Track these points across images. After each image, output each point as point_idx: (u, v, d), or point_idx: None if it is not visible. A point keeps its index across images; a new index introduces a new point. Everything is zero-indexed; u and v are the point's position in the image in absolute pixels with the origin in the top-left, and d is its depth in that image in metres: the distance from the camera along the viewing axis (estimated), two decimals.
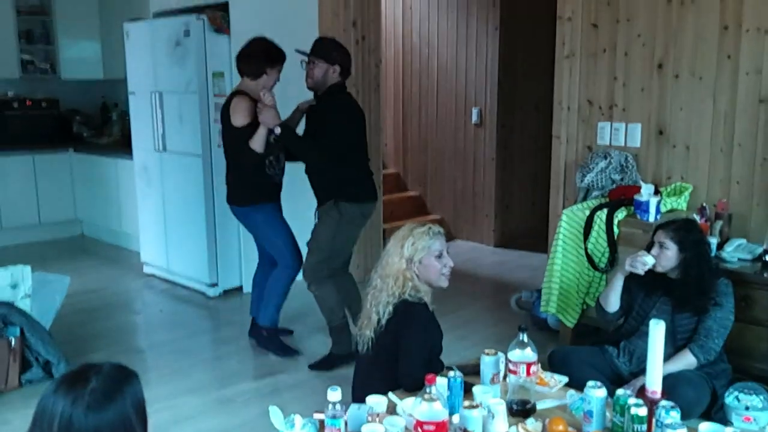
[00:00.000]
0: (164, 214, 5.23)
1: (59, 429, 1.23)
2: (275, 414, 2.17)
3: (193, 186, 4.87)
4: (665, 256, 2.91)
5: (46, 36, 6.83)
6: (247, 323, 4.14)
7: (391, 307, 2.47)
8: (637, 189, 3.62)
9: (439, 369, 2.58)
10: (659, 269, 2.93)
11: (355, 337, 2.68)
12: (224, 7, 4.75)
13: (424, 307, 2.53)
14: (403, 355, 2.47)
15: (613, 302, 3.05)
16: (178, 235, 5.12)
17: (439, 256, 2.56)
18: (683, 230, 2.96)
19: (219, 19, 4.69)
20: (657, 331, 1.80)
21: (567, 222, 3.78)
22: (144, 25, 5.24)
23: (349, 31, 5.10)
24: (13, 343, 3.41)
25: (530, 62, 6.28)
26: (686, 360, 2.86)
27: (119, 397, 1.27)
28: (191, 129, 4.82)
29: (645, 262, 2.88)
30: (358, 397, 2.31)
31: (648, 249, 3.01)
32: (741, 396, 2.92)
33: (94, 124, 7.11)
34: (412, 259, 2.52)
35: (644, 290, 3.00)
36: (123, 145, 6.18)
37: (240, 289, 5.01)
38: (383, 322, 2.47)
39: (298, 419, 2.12)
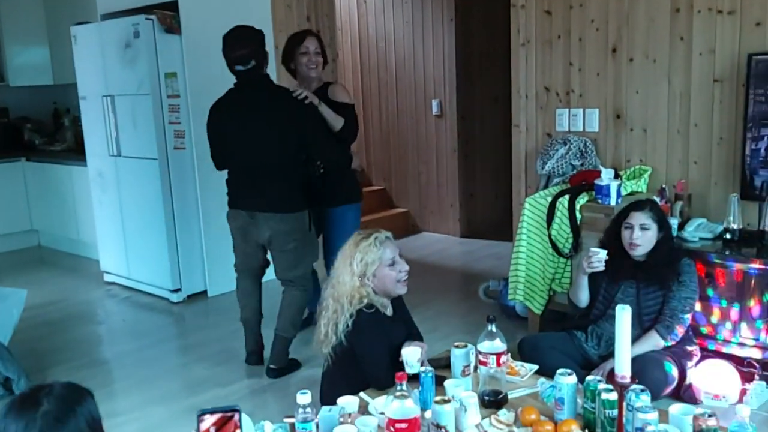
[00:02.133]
0: (122, 221, 5.11)
1: None
2: (244, 421, 2.12)
3: (150, 190, 4.76)
4: (647, 238, 2.92)
5: None
6: (213, 327, 4.06)
7: (349, 323, 2.42)
8: (598, 174, 3.64)
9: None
10: (641, 252, 2.93)
11: None
12: (173, 7, 4.64)
13: (375, 312, 2.46)
14: (365, 361, 2.43)
15: (583, 299, 3.06)
16: (137, 241, 5.00)
17: (392, 264, 2.48)
18: (657, 208, 3.01)
19: (169, 18, 4.58)
20: (623, 316, 1.80)
21: (530, 210, 3.79)
22: (91, 28, 5.10)
23: (303, 26, 5.03)
24: None
25: (487, 52, 6.29)
26: (653, 341, 2.89)
27: (71, 419, 1.22)
28: (146, 132, 4.71)
29: (600, 258, 2.88)
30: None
31: (611, 234, 3.03)
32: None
33: (46, 131, 6.91)
34: (365, 274, 2.44)
35: (607, 275, 3.01)
36: (77, 152, 6.02)
37: (204, 293, 4.92)
38: (342, 338, 2.42)
39: (268, 425, 2.07)
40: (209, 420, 1.31)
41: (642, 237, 2.91)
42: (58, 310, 4.85)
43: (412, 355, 2.34)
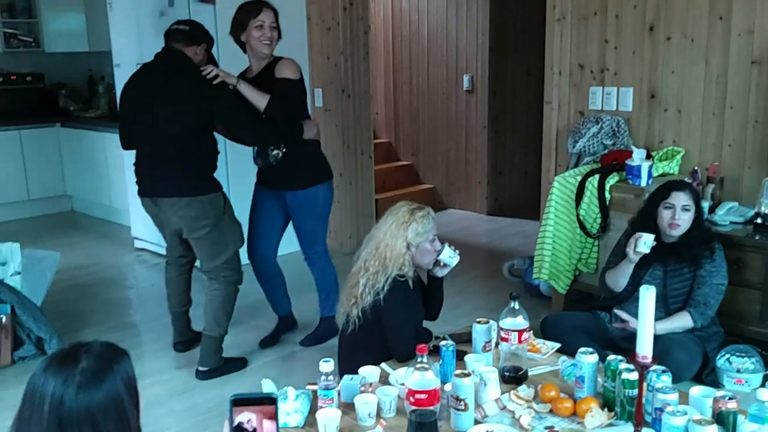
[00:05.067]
0: None
1: (50, 409, 1.23)
2: (268, 387, 2.16)
3: None
4: (686, 219, 2.90)
5: (29, 9, 6.70)
6: (239, 294, 4.10)
7: (386, 286, 2.46)
8: (629, 154, 3.60)
9: (427, 339, 2.59)
10: (680, 232, 2.90)
11: None
12: None
13: (407, 283, 2.54)
14: (392, 329, 2.47)
15: (622, 284, 3.02)
16: None
17: (433, 240, 2.57)
18: (695, 191, 3.00)
19: None
20: (647, 296, 1.79)
21: (559, 189, 3.76)
22: None
23: None
24: (4, 320, 3.40)
25: (521, 27, 6.20)
26: (683, 321, 2.87)
27: (109, 376, 1.26)
28: None
29: (646, 242, 2.84)
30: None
31: (646, 213, 2.99)
32: (732, 358, 2.95)
33: (81, 97, 7.01)
34: (413, 243, 2.51)
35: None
36: (111, 119, 6.11)
37: None
38: (380, 299, 2.46)
39: (291, 391, 2.12)
40: (245, 414, 1.25)
41: (682, 217, 2.88)
42: (89, 273, 4.96)
43: (445, 250, 2.57)
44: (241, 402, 1.24)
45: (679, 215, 2.88)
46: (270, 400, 1.25)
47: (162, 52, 3.29)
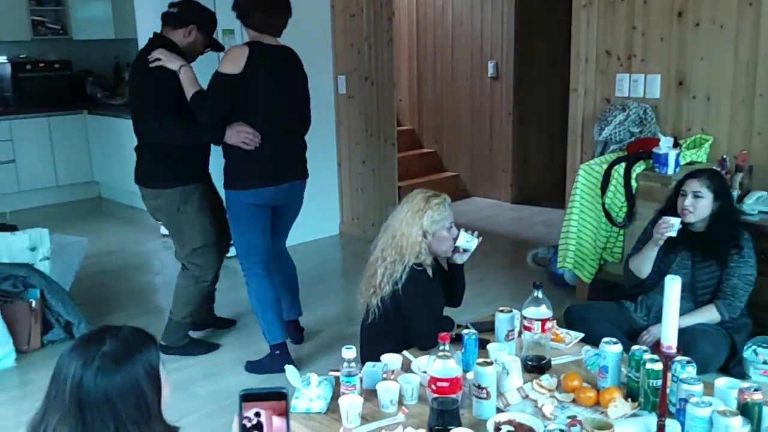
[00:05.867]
0: None
1: (71, 389, 1.25)
2: (292, 373, 2.18)
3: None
4: (701, 206, 2.86)
5: None
6: None
7: (404, 275, 2.46)
8: (656, 142, 3.55)
9: (448, 327, 2.59)
10: (693, 219, 2.88)
11: None
12: None
13: (425, 272, 2.53)
14: (413, 319, 2.47)
15: (646, 270, 3.00)
16: None
17: (450, 228, 2.55)
18: (716, 178, 2.94)
19: None
20: (673, 286, 1.77)
21: (584, 177, 3.73)
22: None
23: None
24: (33, 304, 3.47)
25: (547, 13, 6.13)
26: (710, 315, 2.85)
27: (130, 362, 1.27)
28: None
29: (672, 224, 2.81)
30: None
31: (673, 201, 2.96)
32: (759, 350, 2.90)
33: (108, 84, 7.09)
34: (429, 232, 2.50)
35: (665, 246, 2.96)
36: None
37: None
38: (399, 288, 2.46)
39: (314, 377, 2.14)
40: (252, 409, 1.16)
41: (694, 204, 2.85)
42: (116, 259, 5.03)
43: (462, 235, 2.54)
44: (250, 397, 1.18)
45: (689, 201, 2.85)
46: (280, 396, 1.19)
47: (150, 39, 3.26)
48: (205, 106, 3.01)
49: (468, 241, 2.57)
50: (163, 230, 5.52)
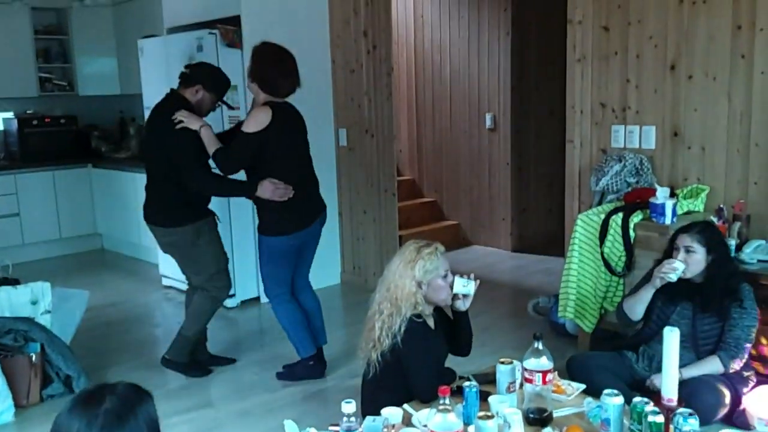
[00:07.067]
0: None
1: None
2: (291, 428, 2.17)
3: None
4: (694, 260, 2.88)
5: (64, 54, 6.95)
6: (264, 333, 4.15)
7: (403, 327, 2.46)
8: (653, 192, 3.59)
9: (450, 379, 2.58)
10: (687, 274, 2.89)
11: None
12: (236, 22, 4.78)
13: (424, 323, 2.53)
14: (413, 370, 2.47)
15: (639, 312, 3.02)
16: None
17: (445, 276, 2.55)
18: (708, 232, 2.94)
19: (231, 33, 4.73)
20: (671, 338, 1.78)
21: (582, 227, 3.76)
22: (158, 41, 5.29)
23: (360, 41, 5.13)
24: (33, 359, 3.46)
25: (543, 66, 6.26)
26: (713, 366, 2.83)
27: (132, 418, 1.29)
28: None
29: (676, 268, 2.84)
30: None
31: (668, 256, 2.98)
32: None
33: (113, 138, 7.19)
34: (422, 282, 2.51)
35: (664, 295, 2.97)
36: (141, 159, 6.23)
37: (257, 299, 5.04)
38: (398, 341, 2.46)
39: None
40: None
41: (686, 259, 2.87)
42: (118, 311, 5.03)
43: (456, 281, 2.56)
44: None
45: (683, 257, 2.87)
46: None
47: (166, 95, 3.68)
48: (228, 162, 3.45)
49: (464, 285, 2.57)
50: (166, 282, 5.54)
